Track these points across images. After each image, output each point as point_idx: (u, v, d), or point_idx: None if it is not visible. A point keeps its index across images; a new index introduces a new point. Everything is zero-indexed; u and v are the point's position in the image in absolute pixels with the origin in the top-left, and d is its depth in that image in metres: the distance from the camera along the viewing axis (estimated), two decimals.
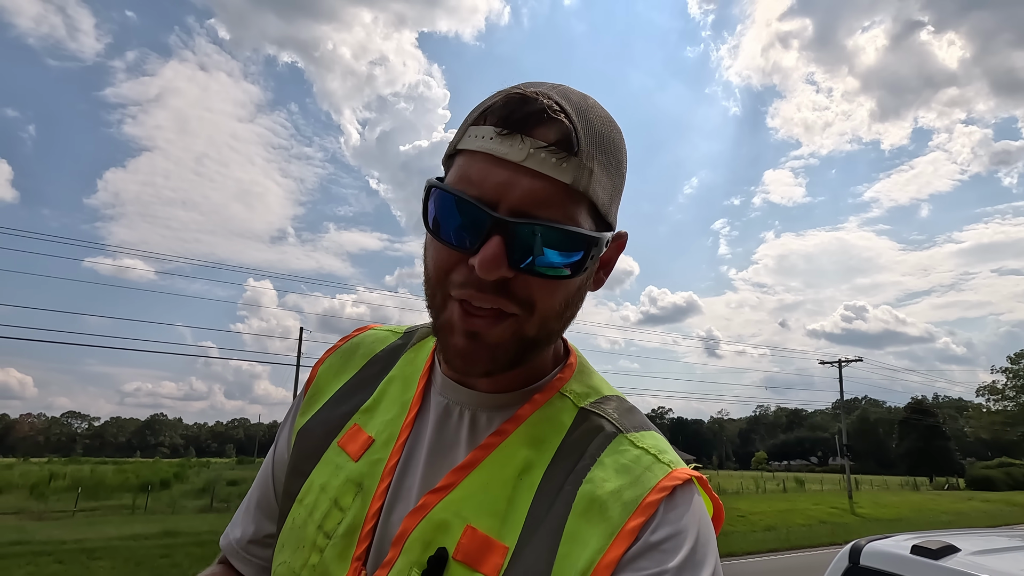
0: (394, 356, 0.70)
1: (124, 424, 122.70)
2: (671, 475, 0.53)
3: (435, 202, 0.53)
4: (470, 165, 0.51)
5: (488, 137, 0.50)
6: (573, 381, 0.62)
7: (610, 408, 0.60)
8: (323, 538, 0.57)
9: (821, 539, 16.57)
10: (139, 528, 15.43)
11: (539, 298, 0.52)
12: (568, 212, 0.50)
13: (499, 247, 0.49)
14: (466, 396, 0.60)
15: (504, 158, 0.49)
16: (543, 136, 0.50)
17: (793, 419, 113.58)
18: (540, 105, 0.50)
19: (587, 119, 0.53)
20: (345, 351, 0.73)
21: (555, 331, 0.56)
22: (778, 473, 63.30)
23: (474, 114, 0.54)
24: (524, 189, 0.49)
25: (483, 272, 0.49)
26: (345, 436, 0.63)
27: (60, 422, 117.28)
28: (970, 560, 1.71)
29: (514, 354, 0.54)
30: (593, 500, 0.51)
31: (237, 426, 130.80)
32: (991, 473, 48.59)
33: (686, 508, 0.51)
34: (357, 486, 0.58)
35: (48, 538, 13.59)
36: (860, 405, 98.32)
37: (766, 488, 36.53)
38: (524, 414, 0.58)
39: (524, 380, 0.61)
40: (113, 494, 24.87)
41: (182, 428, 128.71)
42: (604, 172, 0.53)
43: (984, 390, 62.76)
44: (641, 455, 0.55)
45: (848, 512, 24.22)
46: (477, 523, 0.52)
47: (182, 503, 22.39)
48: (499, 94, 0.53)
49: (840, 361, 36.60)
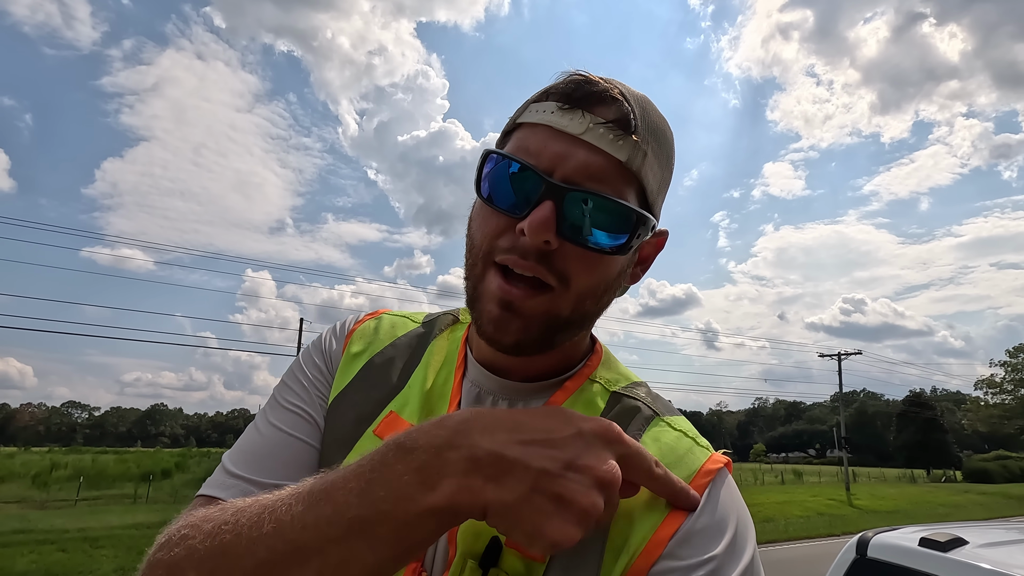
0: (421, 343, 0.69)
1: (124, 414, 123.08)
2: (712, 459, 0.55)
3: (491, 169, 0.54)
4: (529, 136, 0.53)
5: (550, 111, 0.53)
6: (601, 368, 0.64)
7: (641, 392, 0.62)
8: None
9: (819, 531, 16.63)
10: (141, 517, 15.50)
11: (577, 273, 0.52)
12: (619, 189, 0.52)
13: (550, 211, 0.50)
14: (497, 385, 0.61)
15: (563, 130, 0.51)
16: (602, 114, 0.52)
17: (791, 411, 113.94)
18: (602, 87, 0.53)
19: (644, 108, 0.55)
20: (362, 333, 0.71)
21: (589, 314, 0.57)
22: (776, 465, 63.57)
23: (536, 94, 0.56)
24: (580, 160, 0.51)
25: (531, 234, 0.49)
26: (381, 424, 0.62)
27: (60, 412, 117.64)
28: (978, 552, 1.71)
29: (545, 330, 0.54)
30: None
31: (237, 416, 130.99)
32: (988, 466, 48.81)
33: (728, 494, 0.53)
34: None
35: (51, 527, 13.66)
36: (858, 398, 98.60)
37: (764, 480, 36.67)
38: (557, 400, 0.59)
39: (555, 369, 0.61)
40: (115, 483, 24.97)
41: (182, 418, 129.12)
42: (656, 160, 0.55)
43: (982, 383, 62.86)
44: (680, 436, 0.56)
45: (846, 504, 24.33)
46: None
47: (183, 492, 22.48)
48: (562, 75, 0.55)
49: (839, 354, 36.66)
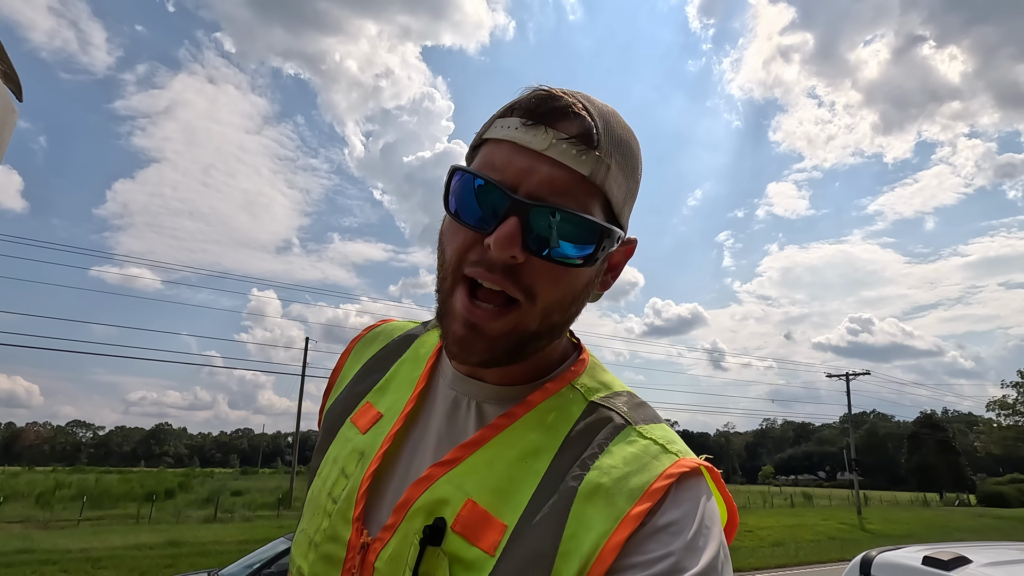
0: (408, 341, 0.75)
1: (129, 433, 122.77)
2: (678, 463, 0.54)
3: (458, 185, 0.55)
4: (495, 151, 0.54)
5: (514, 127, 0.54)
6: (584, 376, 0.64)
7: (620, 402, 0.61)
8: (331, 503, 0.61)
9: (831, 555, 16.31)
10: (144, 538, 15.41)
11: (543, 288, 0.53)
12: (583, 203, 0.53)
13: (515, 227, 0.51)
14: (475, 388, 0.62)
15: (527, 146, 0.52)
16: (565, 129, 0.53)
17: (800, 433, 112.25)
18: (565, 102, 0.53)
19: (607, 121, 0.56)
20: (366, 340, 0.78)
21: (557, 325, 0.57)
22: (785, 488, 62.48)
23: (501, 109, 0.57)
24: (544, 176, 0.52)
25: (497, 249, 0.50)
26: (357, 412, 0.68)
27: (65, 431, 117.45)
28: (982, 572, 1.71)
29: (513, 346, 0.55)
30: (600, 485, 0.52)
31: (241, 436, 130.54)
32: (1003, 489, 47.76)
33: (693, 493, 0.53)
34: (360, 454, 0.62)
35: (53, 547, 13.59)
36: (868, 419, 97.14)
37: (773, 503, 36.05)
38: (535, 400, 0.60)
39: (531, 374, 0.62)
40: (118, 503, 24.85)
41: (186, 438, 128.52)
42: (620, 172, 0.56)
43: (995, 404, 61.84)
44: (649, 445, 0.56)
45: (858, 528, 23.85)
46: (478, 498, 0.53)
47: (187, 513, 22.33)
48: (526, 90, 0.56)
49: (847, 374, 36.28)
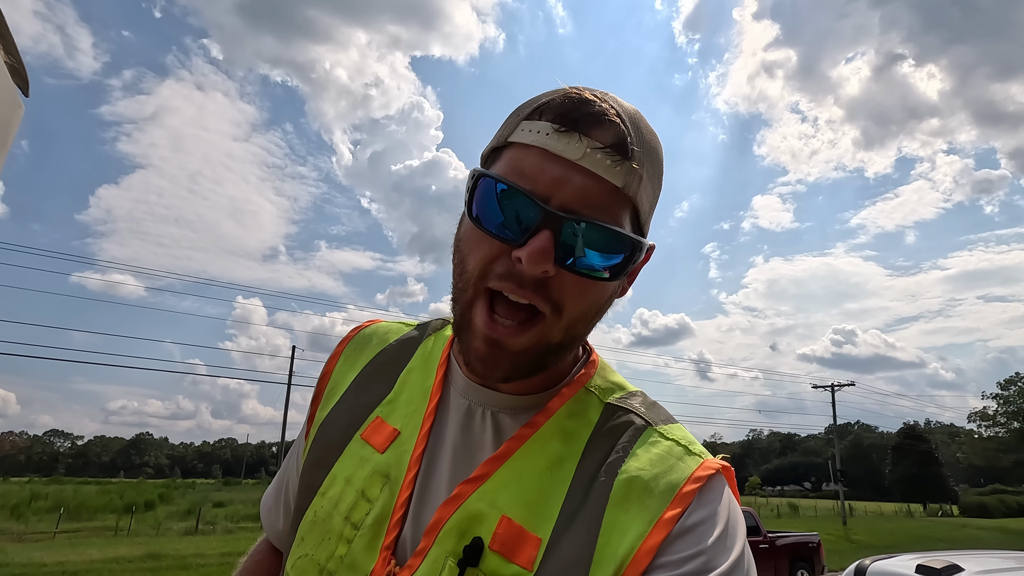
0: (410, 347, 0.70)
1: (108, 443, 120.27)
2: (703, 465, 0.54)
3: (482, 191, 0.52)
4: (523, 158, 0.51)
5: (544, 133, 0.50)
6: (597, 377, 0.63)
7: (636, 403, 0.61)
8: (351, 529, 0.57)
9: None
10: (123, 551, 15.02)
11: (570, 301, 0.52)
12: (615, 215, 0.51)
13: (549, 241, 0.48)
14: (488, 397, 0.60)
15: (560, 155, 0.49)
16: (600, 137, 0.50)
17: (786, 444, 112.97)
18: (599, 108, 0.51)
19: (638, 127, 0.53)
20: (357, 342, 0.73)
21: (580, 336, 0.57)
22: (772, 499, 62.70)
23: (526, 109, 0.54)
24: (577, 187, 0.49)
25: (530, 264, 0.48)
26: (368, 428, 0.63)
27: (43, 441, 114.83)
28: None
29: (537, 360, 0.54)
30: (630, 490, 0.52)
31: (224, 446, 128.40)
32: (985, 500, 48.45)
33: (718, 494, 0.53)
34: (384, 477, 0.58)
35: (28, 560, 13.21)
36: (853, 430, 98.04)
37: (760, 514, 36.12)
38: (554, 407, 0.59)
39: (546, 383, 0.61)
40: (96, 515, 24.28)
41: (168, 448, 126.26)
42: (650, 181, 0.54)
43: (976, 416, 62.76)
44: (672, 446, 0.56)
45: (844, 539, 23.96)
46: (512, 513, 0.52)
47: (167, 525, 21.84)
48: (556, 92, 0.53)
49: (832, 385, 36.65)
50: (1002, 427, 59.54)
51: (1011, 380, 59.62)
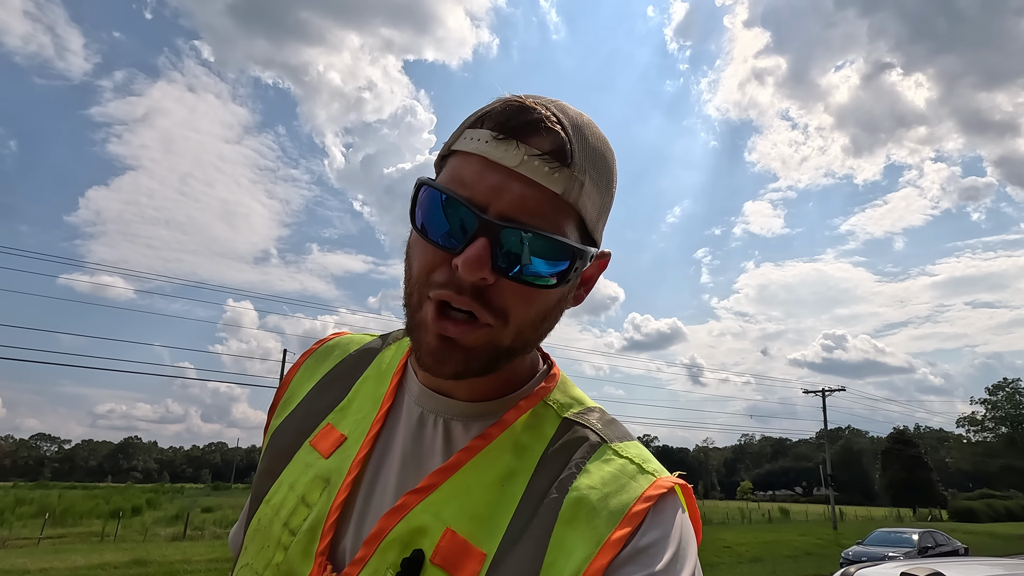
0: (368, 356, 0.70)
1: (96, 447, 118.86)
2: (655, 484, 0.53)
3: (425, 200, 0.52)
4: (463, 166, 0.51)
5: (484, 140, 0.51)
6: (556, 391, 0.62)
7: (593, 419, 0.60)
8: (288, 535, 0.56)
9: (807, 571, 16.41)
10: (108, 556, 14.81)
11: (514, 308, 0.52)
12: (556, 222, 0.51)
13: (484, 248, 0.48)
14: (442, 405, 0.59)
15: (498, 162, 0.50)
16: (538, 144, 0.50)
17: (778, 448, 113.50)
18: (538, 115, 0.51)
19: (582, 134, 0.53)
20: (319, 354, 0.73)
21: (531, 340, 0.56)
22: (763, 503, 62.92)
23: (472, 118, 0.54)
24: (515, 194, 0.49)
25: (465, 272, 0.48)
26: (317, 435, 0.63)
27: (28, 444, 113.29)
28: None
29: (487, 360, 0.53)
30: (579, 508, 0.51)
31: (214, 450, 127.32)
32: (973, 505, 48.81)
33: (670, 515, 0.52)
34: (324, 481, 0.58)
35: (11, 567, 13.01)
36: (843, 435, 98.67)
37: (752, 518, 36.23)
38: (509, 419, 0.58)
39: (500, 389, 0.60)
40: (82, 521, 23.96)
41: (156, 452, 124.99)
42: (595, 188, 0.54)
43: (964, 421, 63.45)
44: (625, 464, 0.55)
45: (834, 544, 24.05)
46: (457, 527, 0.51)
47: (154, 530, 21.58)
48: (498, 101, 0.53)
49: (823, 390, 36.86)
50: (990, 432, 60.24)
51: (999, 385, 60.35)
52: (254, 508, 0.62)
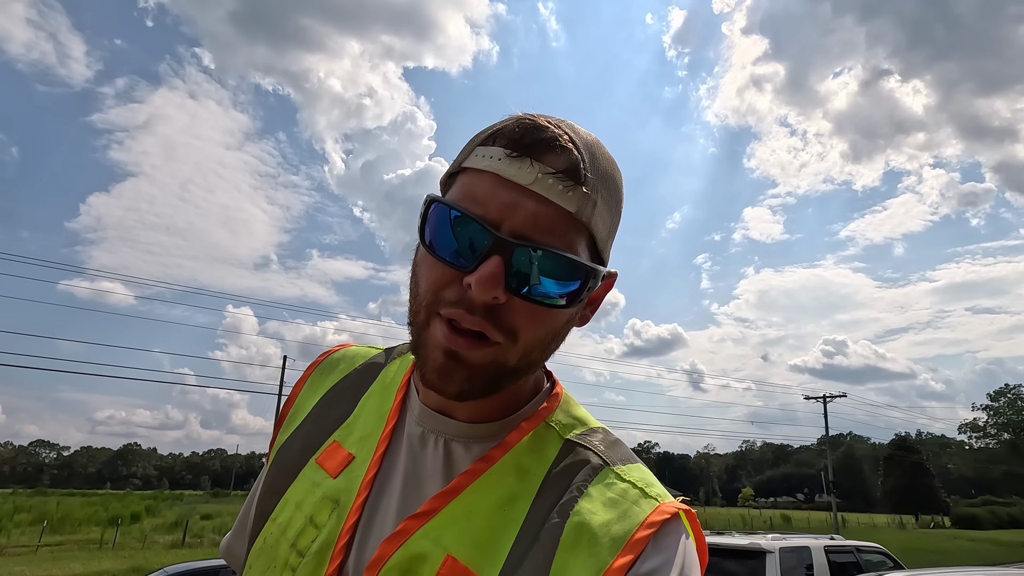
0: (373, 371, 0.70)
1: (95, 454, 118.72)
2: (658, 509, 0.52)
3: (434, 217, 0.51)
4: (476, 183, 0.51)
5: (497, 158, 0.50)
6: (559, 411, 0.61)
7: (596, 440, 0.59)
8: (296, 556, 0.55)
9: None
10: (107, 564, 14.76)
11: (524, 327, 0.51)
12: (569, 241, 0.50)
13: (498, 267, 0.48)
14: (443, 425, 0.59)
15: (511, 180, 0.49)
16: (552, 163, 0.50)
17: (779, 455, 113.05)
18: (552, 133, 0.50)
19: (593, 153, 0.53)
20: (324, 367, 0.73)
21: (537, 361, 0.55)
22: (765, 510, 62.65)
23: (482, 135, 0.54)
24: (528, 212, 0.49)
25: (479, 290, 0.47)
26: (324, 453, 0.62)
27: (28, 451, 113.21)
28: None
29: (491, 379, 0.52)
30: (581, 534, 0.50)
31: (213, 457, 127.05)
32: (976, 511, 48.55)
33: (674, 540, 0.51)
34: (334, 503, 0.57)
35: (9, 574, 12.95)
36: (845, 441, 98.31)
37: (754, 525, 36.07)
38: (512, 441, 0.57)
39: (502, 410, 0.59)
40: (80, 528, 23.89)
41: (156, 458, 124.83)
42: (605, 207, 0.54)
43: (966, 427, 63.22)
44: (628, 488, 0.54)
45: None
46: (458, 553, 0.50)
47: (153, 538, 21.51)
48: (510, 119, 0.53)
49: (824, 396, 36.76)
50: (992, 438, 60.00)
51: (1000, 391, 60.17)
52: (259, 525, 0.61)
